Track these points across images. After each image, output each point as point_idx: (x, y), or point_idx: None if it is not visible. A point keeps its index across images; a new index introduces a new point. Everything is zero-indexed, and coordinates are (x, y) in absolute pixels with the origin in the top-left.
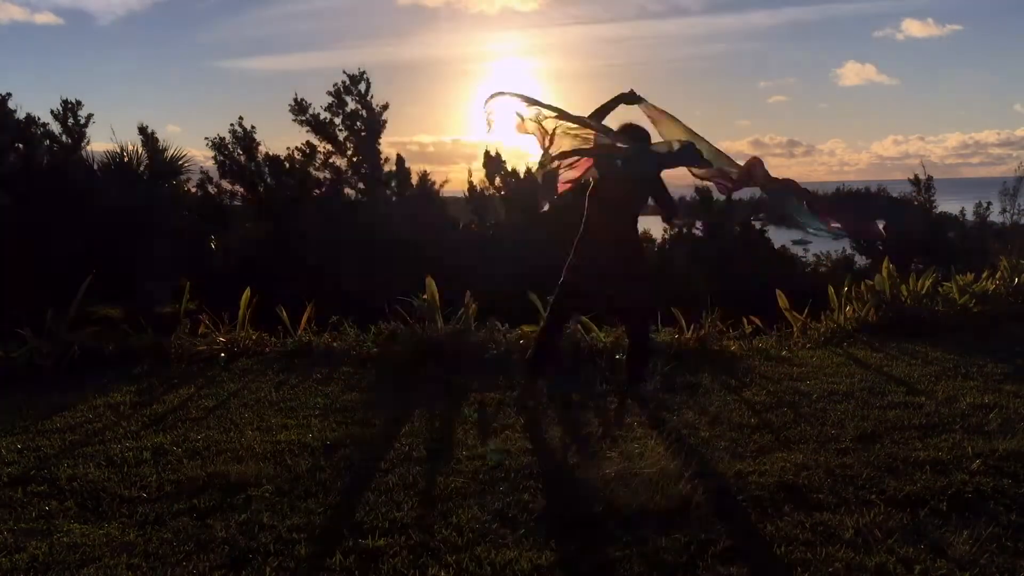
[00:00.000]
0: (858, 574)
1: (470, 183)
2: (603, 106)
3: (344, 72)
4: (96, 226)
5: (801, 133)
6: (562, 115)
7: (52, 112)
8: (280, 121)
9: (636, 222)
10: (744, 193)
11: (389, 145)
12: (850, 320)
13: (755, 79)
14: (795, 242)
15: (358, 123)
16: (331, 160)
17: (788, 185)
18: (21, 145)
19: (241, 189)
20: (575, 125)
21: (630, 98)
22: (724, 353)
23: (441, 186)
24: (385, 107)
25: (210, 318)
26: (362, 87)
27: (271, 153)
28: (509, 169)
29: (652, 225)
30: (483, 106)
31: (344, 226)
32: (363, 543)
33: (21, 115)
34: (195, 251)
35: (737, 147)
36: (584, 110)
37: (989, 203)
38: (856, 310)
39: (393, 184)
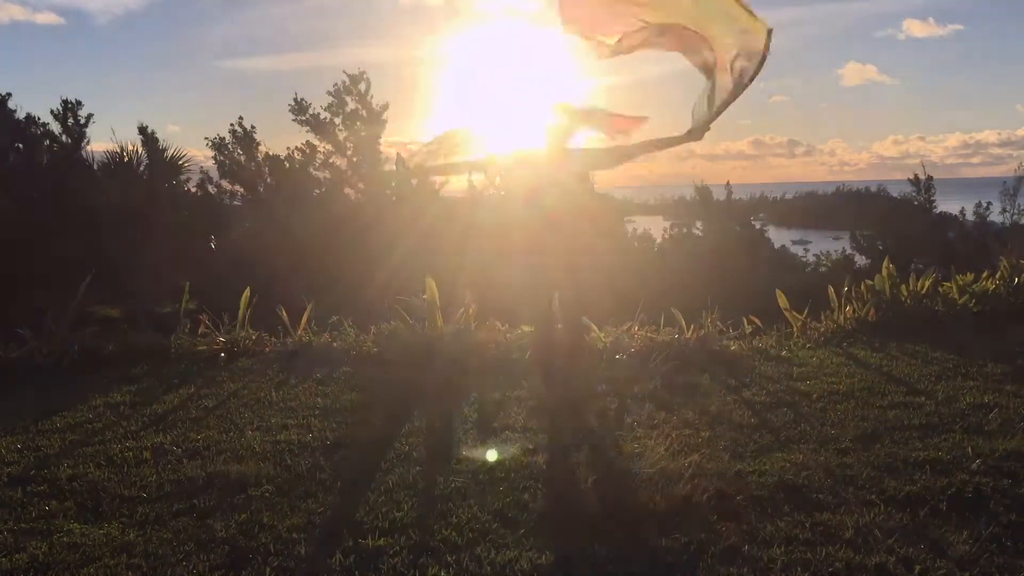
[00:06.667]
0: (858, 574)
1: (470, 183)
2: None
3: (344, 72)
4: (96, 226)
5: (801, 133)
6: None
7: (52, 112)
8: (280, 121)
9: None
10: (744, 192)
11: (389, 145)
12: (850, 320)
13: (755, 79)
14: (795, 242)
15: (358, 123)
16: (331, 160)
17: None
18: (21, 145)
19: (241, 189)
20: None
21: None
22: (724, 353)
23: (441, 186)
24: (385, 107)
25: (210, 318)
26: (362, 87)
27: (271, 153)
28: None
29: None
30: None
31: (344, 226)
32: (363, 543)
33: (21, 115)
34: (195, 251)
35: (738, 147)
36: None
37: (989, 203)
38: (856, 310)
39: (393, 184)
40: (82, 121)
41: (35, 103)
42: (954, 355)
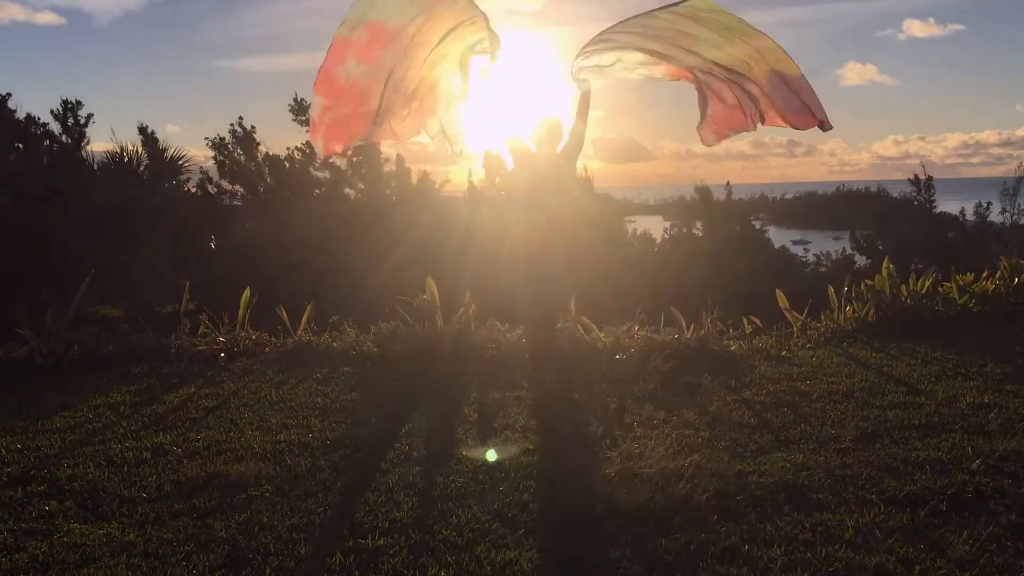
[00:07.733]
0: (858, 574)
1: (470, 183)
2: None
3: None
4: (96, 226)
5: (802, 133)
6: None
7: (52, 112)
8: (280, 121)
9: None
10: (744, 192)
11: (389, 145)
12: (850, 320)
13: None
14: (795, 242)
15: None
16: (331, 160)
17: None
18: (21, 145)
19: (241, 189)
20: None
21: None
22: (724, 353)
23: (441, 186)
24: None
25: (210, 318)
26: None
27: (271, 153)
28: (510, 169)
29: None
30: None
31: (344, 226)
32: (363, 543)
33: (21, 115)
34: (195, 251)
35: (738, 147)
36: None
37: (989, 203)
38: (856, 310)
39: (393, 184)
40: (82, 121)
41: (35, 103)
42: (954, 355)
